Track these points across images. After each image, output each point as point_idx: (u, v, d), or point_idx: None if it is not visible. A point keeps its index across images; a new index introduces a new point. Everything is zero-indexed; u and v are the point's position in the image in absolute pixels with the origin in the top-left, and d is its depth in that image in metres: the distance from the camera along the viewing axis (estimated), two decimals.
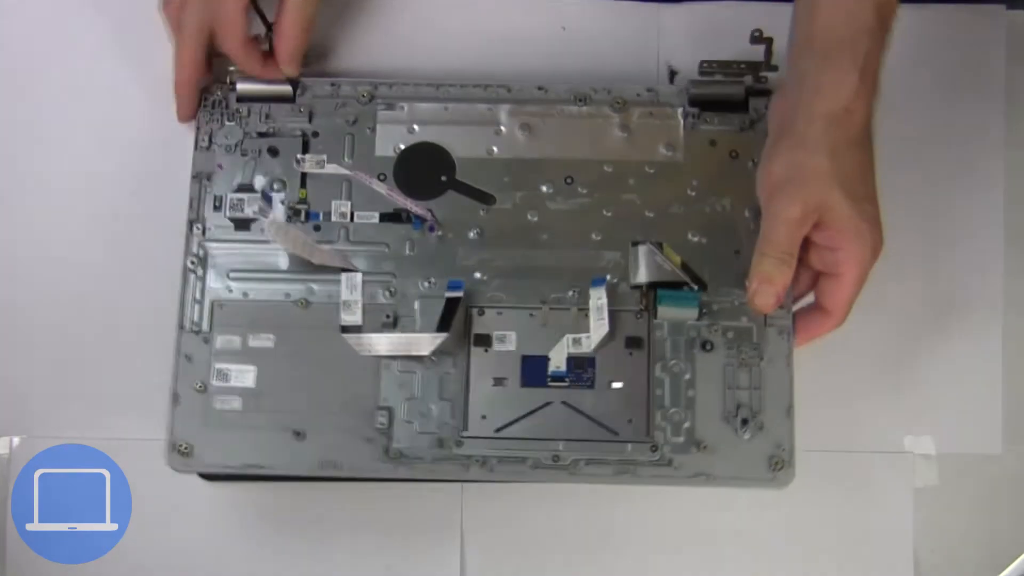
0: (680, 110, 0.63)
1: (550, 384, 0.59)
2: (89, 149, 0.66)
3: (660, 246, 0.60)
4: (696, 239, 0.61)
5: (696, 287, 0.60)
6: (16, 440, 0.64)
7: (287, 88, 0.63)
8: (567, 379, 0.59)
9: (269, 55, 0.63)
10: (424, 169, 0.62)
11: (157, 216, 0.64)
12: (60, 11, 0.67)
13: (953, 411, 0.65)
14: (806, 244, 0.57)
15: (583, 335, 0.59)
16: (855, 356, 0.65)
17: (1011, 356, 0.65)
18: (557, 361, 0.59)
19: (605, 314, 0.58)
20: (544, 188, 0.62)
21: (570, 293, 0.60)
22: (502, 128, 0.63)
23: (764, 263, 0.56)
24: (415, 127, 0.63)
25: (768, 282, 0.56)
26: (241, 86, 0.63)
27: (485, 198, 0.62)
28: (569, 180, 0.62)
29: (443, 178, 0.62)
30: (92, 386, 0.64)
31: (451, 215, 0.61)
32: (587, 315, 0.59)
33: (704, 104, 0.63)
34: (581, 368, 0.59)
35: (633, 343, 0.60)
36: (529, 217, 0.61)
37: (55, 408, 0.64)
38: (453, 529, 0.63)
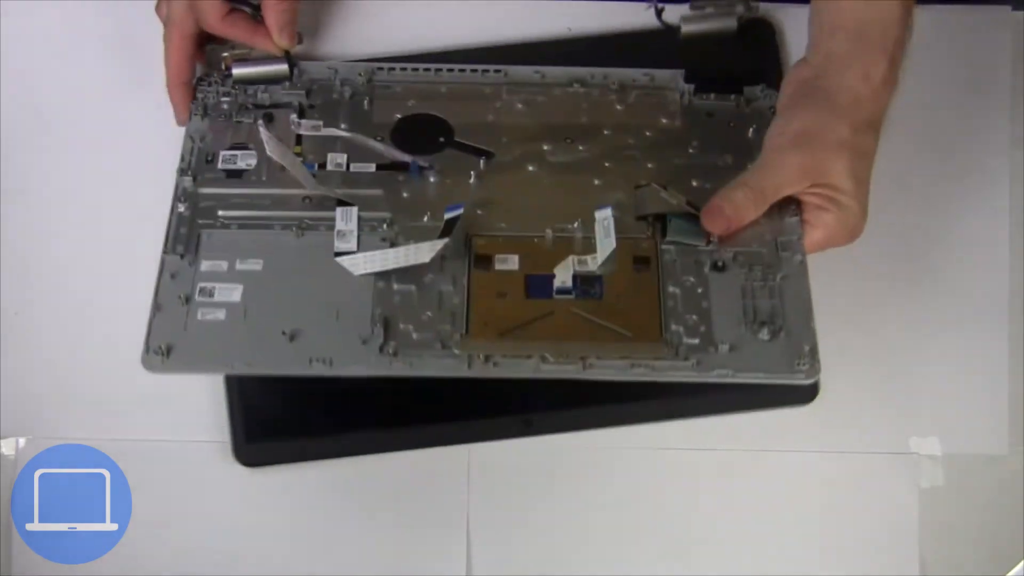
0: (677, 92, 0.63)
1: (556, 296, 0.57)
2: (93, 151, 0.66)
3: (664, 187, 0.60)
4: (699, 184, 0.61)
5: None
6: (21, 441, 0.63)
7: (283, 68, 0.63)
8: (573, 293, 0.57)
9: (258, 24, 0.63)
10: (422, 134, 0.62)
11: (161, 217, 0.63)
12: (64, 14, 0.67)
13: (958, 412, 0.65)
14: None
15: (588, 256, 0.58)
16: (860, 358, 0.65)
17: (1017, 357, 0.65)
18: (562, 278, 0.58)
19: (612, 232, 0.57)
20: (544, 146, 0.62)
21: (575, 224, 0.59)
22: (500, 104, 0.63)
23: (742, 193, 0.56)
24: (412, 102, 0.63)
25: (736, 211, 0.56)
26: (237, 70, 0.63)
27: (483, 153, 0.62)
28: (569, 140, 0.62)
29: (441, 139, 0.62)
30: (93, 387, 0.64)
31: (448, 166, 0.61)
32: (593, 242, 0.58)
33: (697, 59, 0.64)
34: (588, 284, 0.58)
35: (641, 262, 0.59)
36: (529, 168, 0.61)
37: (56, 409, 0.64)
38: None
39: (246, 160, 0.61)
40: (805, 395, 0.63)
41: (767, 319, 0.57)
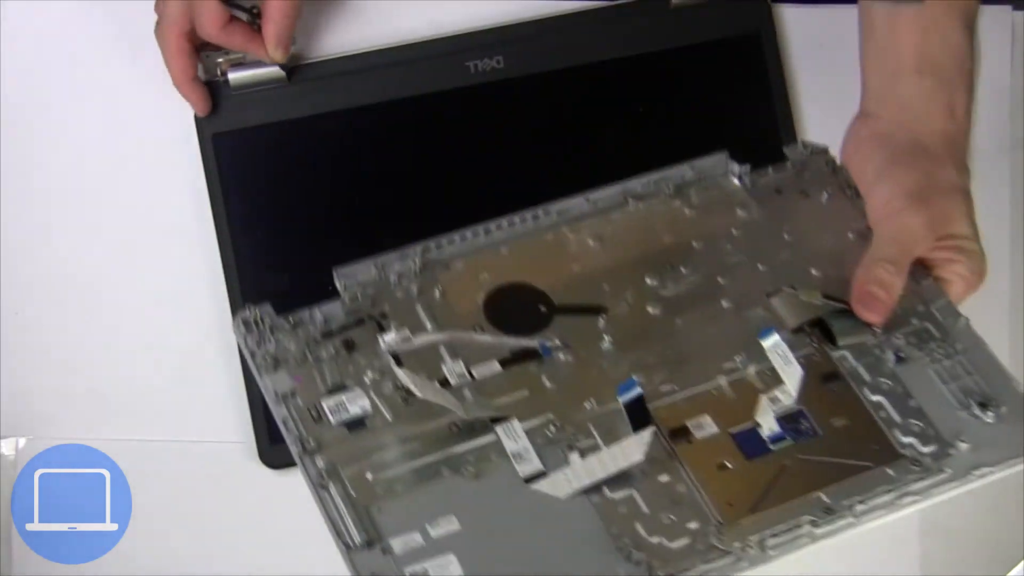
0: (733, 176, 0.61)
1: (774, 448, 0.54)
2: (96, 151, 0.66)
3: (794, 288, 0.58)
4: (819, 272, 0.58)
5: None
6: (22, 441, 0.63)
7: (279, 71, 0.63)
8: (789, 437, 0.54)
9: (255, 33, 0.62)
10: (517, 307, 0.57)
11: (162, 217, 0.63)
12: (66, 13, 0.67)
13: None
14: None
15: (777, 390, 0.55)
16: None
17: (1017, 357, 0.65)
18: (768, 424, 0.54)
19: (791, 358, 0.55)
20: (649, 280, 0.58)
21: (738, 360, 0.56)
22: (572, 247, 0.59)
23: (883, 271, 0.55)
24: (485, 274, 0.57)
25: (888, 292, 0.55)
26: (233, 75, 0.63)
27: (596, 310, 0.57)
28: (669, 267, 0.58)
29: (542, 308, 0.57)
30: (93, 387, 0.64)
31: (572, 337, 0.56)
32: (769, 372, 0.55)
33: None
34: (794, 422, 0.54)
35: (830, 378, 0.56)
36: (651, 311, 0.57)
37: (56, 409, 0.64)
38: None
39: (357, 403, 0.53)
40: None
41: (982, 399, 0.55)
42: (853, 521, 0.52)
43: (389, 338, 0.54)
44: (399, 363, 0.54)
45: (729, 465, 0.53)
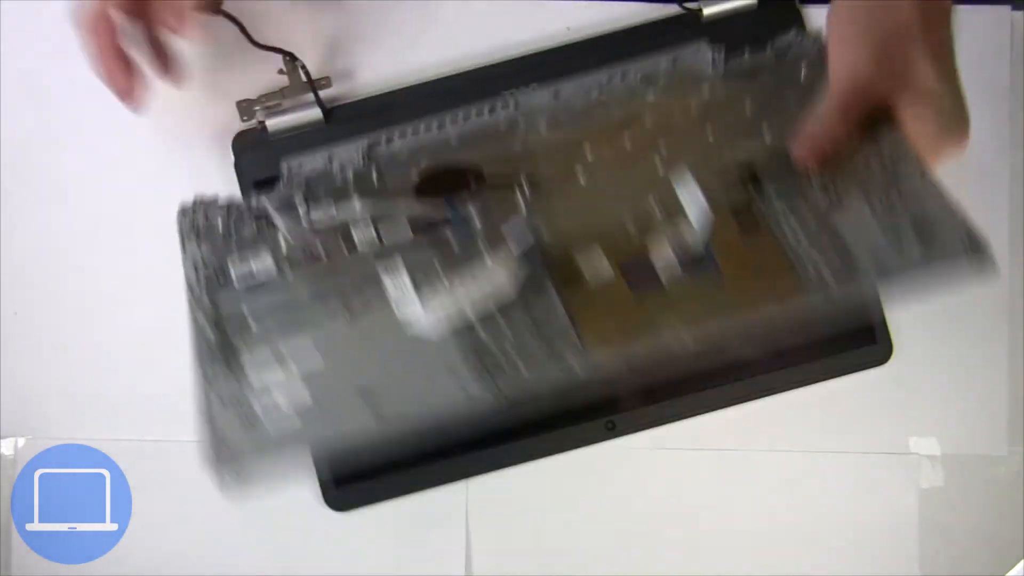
0: (708, 60, 0.59)
1: (665, 283, 0.52)
2: (96, 151, 0.66)
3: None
4: (770, 137, 0.55)
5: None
6: (21, 441, 0.63)
7: (316, 113, 0.63)
8: (683, 272, 0.51)
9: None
10: (448, 184, 0.57)
11: (163, 218, 0.63)
12: (67, 12, 0.67)
13: (958, 412, 0.65)
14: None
15: (682, 226, 0.52)
16: None
17: (1016, 357, 0.65)
18: (662, 255, 0.52)
19: (699, 195, 0.52)
20: (586, 146, 0.56)
21: (652, 203, 0.54)
22: (521, 129, 0.59)
23: (822, 105, 0.52)
24: (424, 162, 0.58)
25: (821, 124, 0.52)
26: (271, 122, 0.63)
27: (523, 180, 0.56)
28: (612, 137, 0.56)
29: (473, 184, 0.57)
30: (93, 387, 0.64)
31: (493, 207, 0.56)
32: (681, 214, 0.53)
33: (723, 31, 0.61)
34: (694, 259, 0.52)
35: (747, 222, 0.53)
36: (581, 180, 0.56)
37: (56, 409, 0.64)
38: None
39: (262, 266, 0.56)
40: (879, 356, 0.63)
41: (915, 232, 0.51)
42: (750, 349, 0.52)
43: (312, 214, 0.56)
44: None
45: (612, 297, 0.52)
